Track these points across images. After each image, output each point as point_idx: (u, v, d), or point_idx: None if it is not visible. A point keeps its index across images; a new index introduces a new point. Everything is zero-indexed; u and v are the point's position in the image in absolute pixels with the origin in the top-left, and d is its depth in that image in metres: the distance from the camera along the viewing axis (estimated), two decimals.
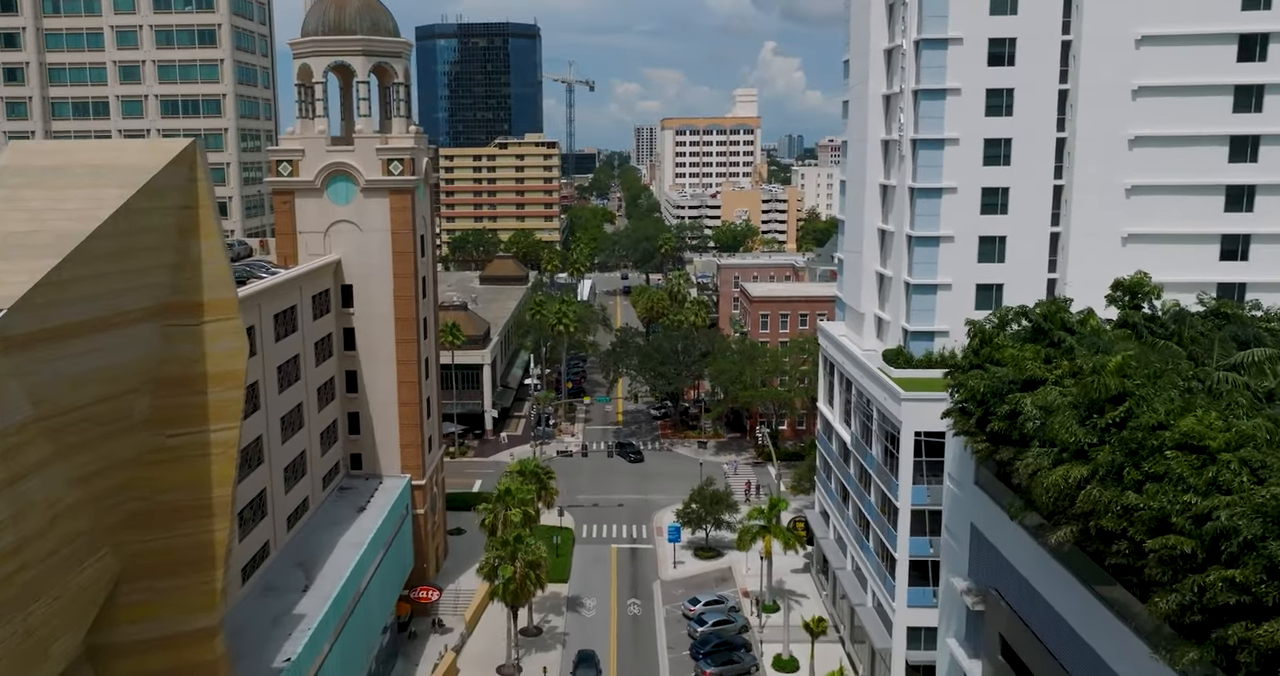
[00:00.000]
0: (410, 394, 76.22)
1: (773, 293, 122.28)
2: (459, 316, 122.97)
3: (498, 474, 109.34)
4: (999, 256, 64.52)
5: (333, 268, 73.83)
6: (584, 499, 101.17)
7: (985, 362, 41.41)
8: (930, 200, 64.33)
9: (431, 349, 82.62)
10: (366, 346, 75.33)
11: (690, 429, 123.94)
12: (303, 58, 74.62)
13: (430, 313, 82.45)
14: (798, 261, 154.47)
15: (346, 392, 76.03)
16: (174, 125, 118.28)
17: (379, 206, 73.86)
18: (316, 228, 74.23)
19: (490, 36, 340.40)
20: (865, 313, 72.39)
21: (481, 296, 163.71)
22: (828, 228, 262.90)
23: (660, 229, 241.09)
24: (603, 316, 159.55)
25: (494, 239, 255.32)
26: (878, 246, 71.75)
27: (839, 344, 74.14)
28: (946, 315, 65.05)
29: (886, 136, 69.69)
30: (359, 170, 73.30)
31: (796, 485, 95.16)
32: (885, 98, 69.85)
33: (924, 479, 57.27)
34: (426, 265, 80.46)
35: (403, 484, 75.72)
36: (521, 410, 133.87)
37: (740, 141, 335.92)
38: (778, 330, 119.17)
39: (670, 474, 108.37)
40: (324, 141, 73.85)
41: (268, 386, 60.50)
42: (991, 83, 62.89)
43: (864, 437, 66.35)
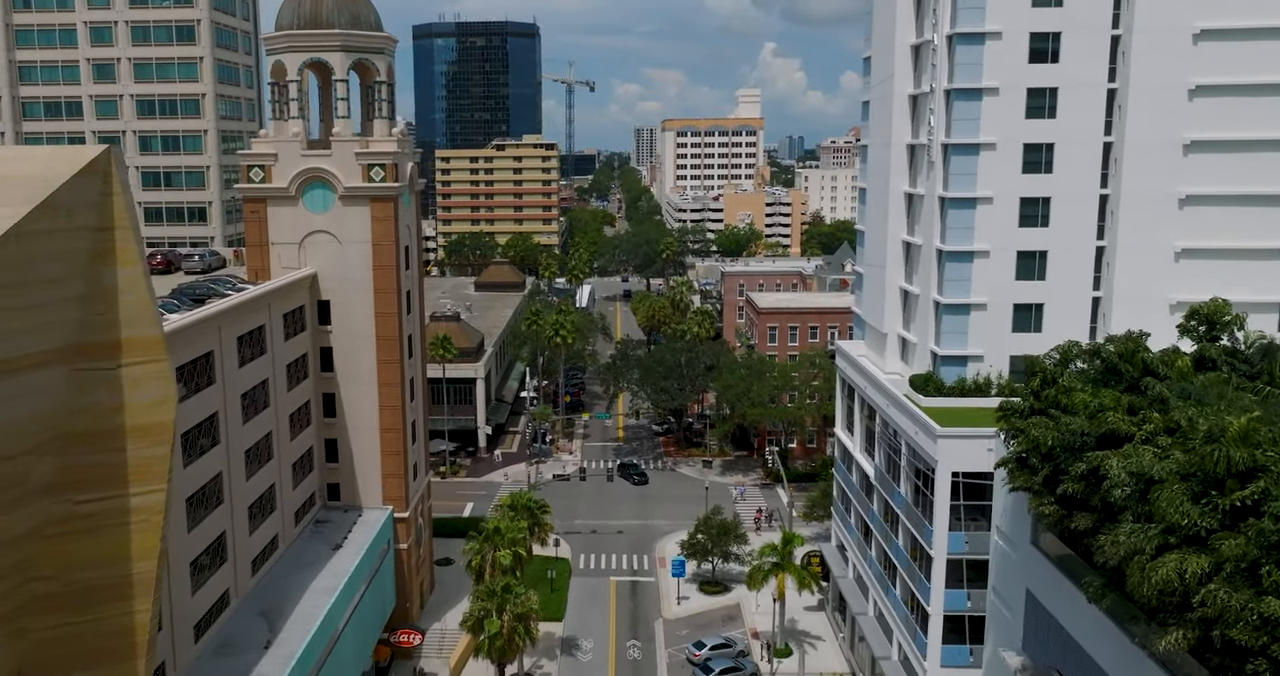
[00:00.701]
0: (393, 419, 70.17)
1: (781, 303, 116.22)
2: (451, 328, 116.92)
3: (491, 495, 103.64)
4: (1039, 273, 58.48)
5: (308, 282, 67.82)
6: (581, 525, 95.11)
7: (1049, 407, 35.33)
8: (963, 211, 58.29)
9: (417, 368, 76.58)
10: (345, 367, 69.35)
11: (695, 446, 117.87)
12: (276, 54, 68.60)
13: (416, 329, 76.43)
14: (805, 269, 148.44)
15: (324, 418, 70.04)
16: (150, 126, 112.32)
17: (359, 216, 67.85)
18: (291, 238, 68.23)
19: (488, 36, 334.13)
20: (888, 333, 66.32)
21: (476, 304, 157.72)
22: (833, 231, 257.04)
23: (661, 233, 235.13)
24: (602, 325, 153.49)
25: (491, 242, 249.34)
26: (902, 261, 65.71)
27: (860, 366, 68.10)
28: (981, 338, 59.07)
29: (913, 140, 63.66)
30: (337, 176, 67.28)
31: (809, 511, 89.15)
32: (912, 98, 63.80)
33: (962, 524, 51.26)
34: (412, 278, 74.44)
35: (384, 517, 69.69)
36: (517, 425, 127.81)
37: (743, 143, 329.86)
38: (787, 343, 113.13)
39: (674, 497, 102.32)
40: (299, 145, 67.83)
41: (229, 417, 54.45)
42: (1033, 81, 56.86)
43: (890, 472, 60.29)
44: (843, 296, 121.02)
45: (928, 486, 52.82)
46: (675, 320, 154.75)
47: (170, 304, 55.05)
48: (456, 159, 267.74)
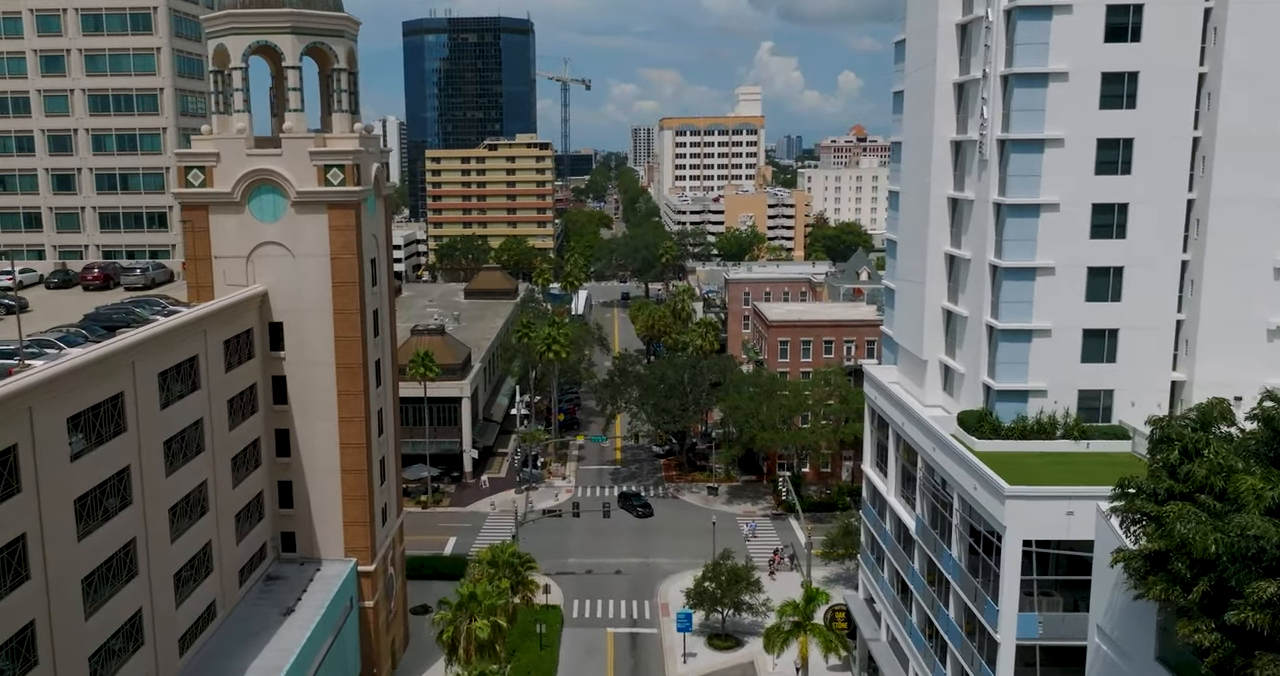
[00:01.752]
0: (356, 458, 60.93)
1: (793, 316, 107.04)
2: (434, 343, 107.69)
3: (477, 527, 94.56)
4: (1113, 293, 49.36)
5: (257, 302, 58.61)
6: (574, 564, 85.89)
7: (1195, 490, 26.19)
8: (1024, 219, 49.16)
9: (388, 398, 67.34)
10: (301, 399, 60.16)
11: (699, 470, 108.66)
12: (218, 37, 59.39)
13: (386, 353, 67.21)
14: (814, 276, 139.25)
15: (276, 457, 60.81)
16: (105, 123, 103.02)
17: (315, 225, 58.63)
18: (237, 251, 59.00)
19: (481, 32, 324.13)
20: (928, 359, 57.16)
21: (465, 313, 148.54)
22: (837, 234, 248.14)
23: (660, 236, 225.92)
24: (599, 336, 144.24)
25: (484, 246, 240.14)
26: (944, 276, 56.56)
27: (893, 397, 58.95)
28: (1044, 369, 49.96)
29: (959, 136, 54.50)
30: (288, 179, 58.03)
31: (829, 550, 79.95)
32: (957, 86, 54.66)
33: (1035, 603, 42.10)
34: (380, 296, 65.24)
35: (346, 570, 60.50)
36: (507, 446, 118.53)
37: (743, 142, 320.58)
38: (799, 359, 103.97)
39: (677, 529, 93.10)
40: (244, 143, 58.56)
41: (147, 470, 45.21)
42: (1109, 64, 47.76)
43: (936, 527, 51.11)
44: (858, 308, 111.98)
45: (990, 553, 43.68)
46: (676, 330, 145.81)
47: (77, 335, 45.88)
48: (447, 159, 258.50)
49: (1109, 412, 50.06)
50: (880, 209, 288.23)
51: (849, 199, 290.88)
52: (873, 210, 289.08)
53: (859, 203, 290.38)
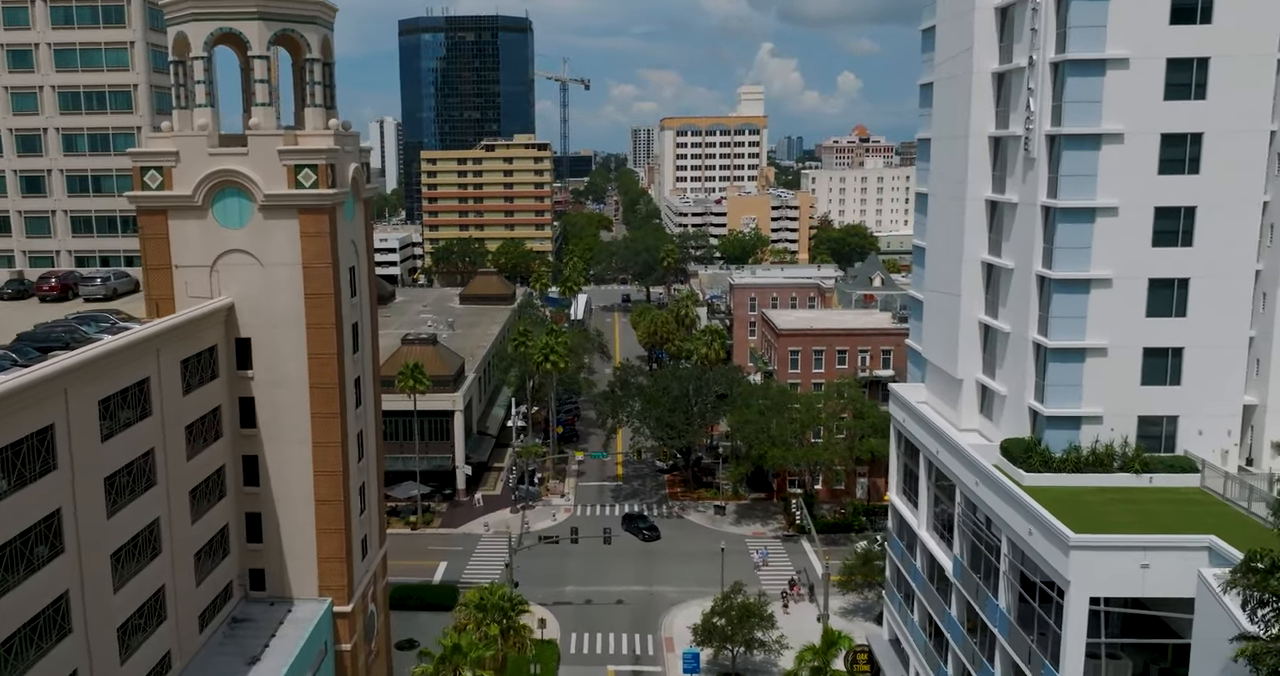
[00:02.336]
0: (331, 487, 55.32)
1: (804, 324, 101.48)
2: (425, 353, 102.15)
3: (469, 550, 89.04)
4: (1178, 308, 43.85)
5: (222, 316, 53.06)
6: (572, 593, 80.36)
7: None
8: (1077, 225, 43.66)
9: (369, 419, 61.77)
10: (271, 423, 54.57)
11: (705, 487, 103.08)
12: (178, 23, 53.85)
13: (367, 370, 61.66)
14: (823, 280, 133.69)
15: (244, 486, 55.23)
16: (76, 122, 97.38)
17: (285, 231, 53.04)
18: (200, 260, 53.43)
19: (479, 30, 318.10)
20: (963, 379, 51.59)
21: (461, 319, 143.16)
22: (842, 236, 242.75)
23: (662, 238, 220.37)
24: (599, 343, 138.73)
25: (481, 249, 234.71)
26: (981, 287, 51.04)
27: (923, 420, 53.39)
28: (1099, 392, 44.49)
29: (999, 131, 48.98)
30: (254, 181, 52.46)
31: (847, 579, 74.39)
32: (997, 76, 49.14)
33: (1102, 666, 36.50)
34: (360, 308, 59.65)
35: (320, 611, 54.92)
36: (503, 459, 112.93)
37: (745, 142, 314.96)
38: (810, 369, 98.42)
39: (683, 553, 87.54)
40: (206, 141, 52.99)
41: (82, 512, 39.66)
42: (1175, 49, 42.32)
43: (978, 571, 45.54)
44: (872, 315, 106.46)
45: (1049, 610, 38.13)
46: (679, 337, 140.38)
47: (4, 359, 40.29)
48: (443, 160, 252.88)
49: (1172, 441, 44.60)
50: (887, 211, 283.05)
51: (854, 200, 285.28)
52: (878, 211, 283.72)
53: (864, 204, 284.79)
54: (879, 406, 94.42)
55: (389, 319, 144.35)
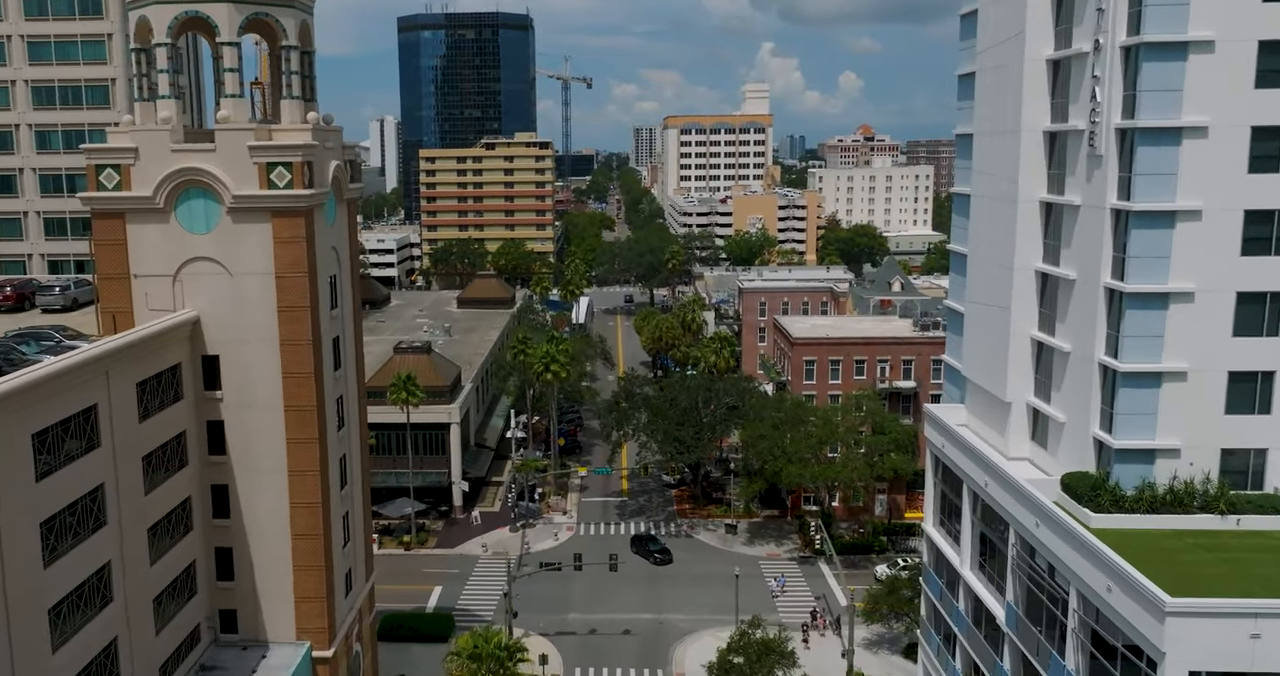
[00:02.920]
0: (309, 520, 50.01)
1: (819, 332, 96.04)
2: (420, 362, 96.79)
3: (466, 573, 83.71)
4: (1269, 326, 38.42)
5: (186, 331, 47.74)
6: (576, 621, 75.03)
7: None
8: (1154, 231, 38.24)
9: (353, 442, 56.45)
10: (243, 449, 49.31)
11: (715, 503, 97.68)
12: (139, 7, 48.60)
13: (351, 388, 56.37)
14: (836, 284, 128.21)
15: (213, 519, 49.93)
16: (50, 118, 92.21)
17: (256, 236, 47.73)
18: (161, 269, 48.15)
19: (479, 27, 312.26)
20: (1012, 402, 46.16)
21: (458, 324, 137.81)
22: (851, 237, 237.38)
23: (666, 239, 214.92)
24: (602, 349, 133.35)
25: (480, 250, 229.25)
26: (1035, 300, 45.61)
27: (965, 446, 47.97)
28: (1177, 422, 39.05)
29: (1056, 125, 43.54)
30: (221, 180, 47.13)
31: (871, 611, 68.98)
32: (1053, 63, 43.71)
33: None
34: (342, 321, 54.31)
35: (298, 657, 49.69)
36: (502, 473, 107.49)
37: (750, 141, 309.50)
38: (827, 381, 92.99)
39: (694, 576, 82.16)
40: (169, 136, 47.64)
41: (12, 565, 34.30)
42: (1269, 29, 36.81)
43: (1039, 624, 40.12)
44: (890, 322, 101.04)
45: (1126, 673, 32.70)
46: (685, 342, 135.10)
47: None
48: (442, 159, 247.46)
49: (1261, 478, 39.24)
50: (895, 210, 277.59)
51: (861, 200, 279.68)
52: (886, 211, 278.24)
53: (872, 204, 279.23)
54: (900, 420, 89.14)
55: (383, 324, 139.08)
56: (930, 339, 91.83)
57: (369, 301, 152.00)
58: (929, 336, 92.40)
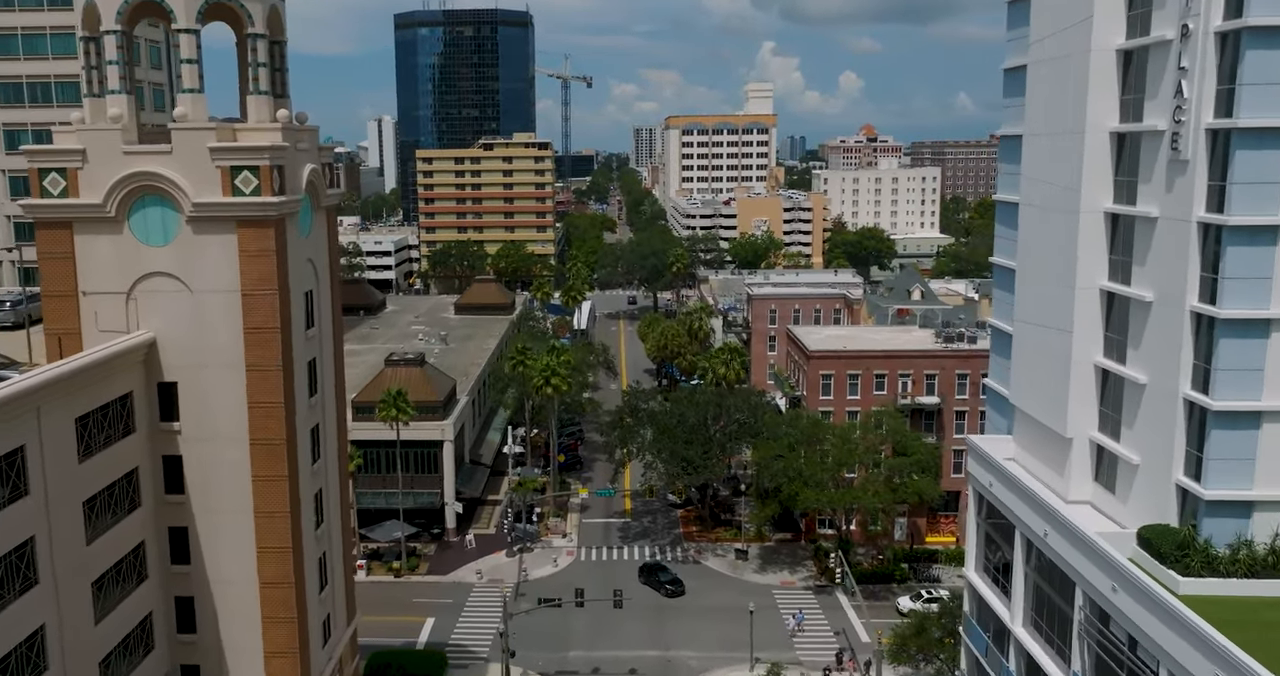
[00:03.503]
0: (279, 567, 44.66)
1: (836, 344, 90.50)
2: (412, 376, 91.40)
3: (460, 603, 78.31)
4: None
5: (140, 356, 42.46)
6: (577, 659, 69.68)
7: None
8: (1255, 248, 32.91)
9: (331, 477, 51.04)
10: (204, 488, 44.02)
11: (723, 525, 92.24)
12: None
13: (329, 415, 50.97)
14: (850, 290, 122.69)
15: (171, 565, 44.59)
16: (18, 117, 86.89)
17: (220, 249, 42.45)
18: (113, 286, 42.90)
19: (478, 25, 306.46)
20: (1073, 437, 40.73)
21: (455, 331, 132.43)
22: (858, 239, 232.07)
23: (670, 242, 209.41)
24: (605, 358, 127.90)
25: (479, 252, 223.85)
26: (1100, 323, 40.21)
27: (1025, 491, 42.46)
28: (1278, 469, 33.56)
29: (1127, 126, 38.12)
30: (180, 186, 41.80)
31: (898, 651, 63.54)
32: (1125, 54, 38.29)
33: None
34: (319, 342, 48.95)
35: None
36: (499, 491, 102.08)
37: (754, 141, 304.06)
38: (844, 396, 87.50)
39: (703, 608, 76.80)
40: (121, 136, 42.30)
41: None
42: None
43: None
44: (910, 333, 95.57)
45: None
46: (691, 351, 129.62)
47: None
48: (440, 159, 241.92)
49: None
50: (902, 212, 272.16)
51: (868, 202, 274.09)
52: (893, 214, 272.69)
53: (878, 206, 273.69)
54: (922, 438, 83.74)
55: (377, 331, 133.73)
56: (955, 352, 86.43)
57: (364, 307, 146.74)
58: (954, 349, 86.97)
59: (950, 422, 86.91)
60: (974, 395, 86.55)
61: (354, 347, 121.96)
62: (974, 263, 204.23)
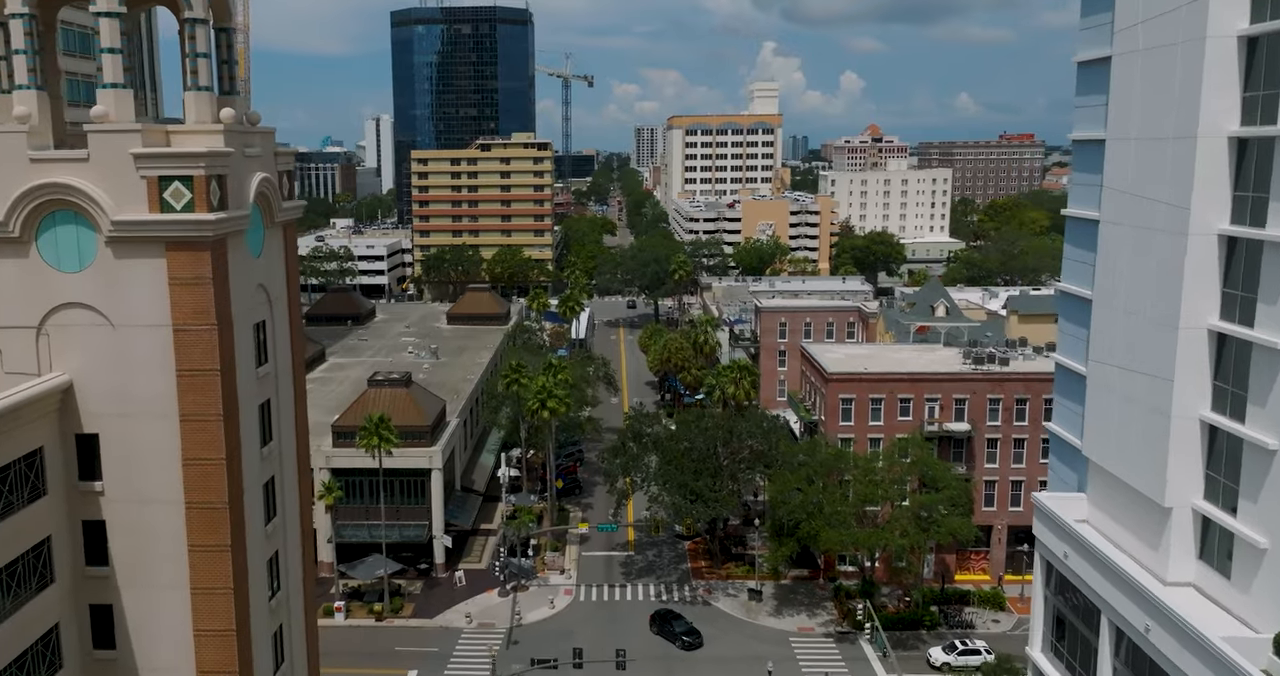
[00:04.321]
0: (220, 654, 37.54)
1: (856, 364, 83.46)
2: (397, 399, 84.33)
3: (446, 654, 71.29)
4: None
5: (53, 403, 35.40)
6: None
7: None
8: None
9: (290, 534, 43.91)
10: (132, 559, 36.99)
11: (734, 560, 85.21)
12: None
13: (288, 464, 43.83)
14: (864, 303, 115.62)
15: (94, 650, 37.51)
16: None
17: (146, 276, 35.33)
18: (21, 318, 35.83)
19: (476, 22, 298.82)
20: (1171, 506, 33.64)
21: (447, 343, 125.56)
22: (866, 244, 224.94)
23: (672, 247, 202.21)
24: (604, 373, 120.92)
25: (475, 257, 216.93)
26: (1207, 370, 33.19)
27: (1111, 568, 35.34)
28: None
29: (1254, 129, 31.08)
30: (97, 200, 34.69)
31: None
32: (1249, 41, 31.20)
33: None
34: (274, 380, 41.85)
35: None
36: (492, 519, 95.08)
37: (759, 142, 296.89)
38: (866, 422, 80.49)
39: (715, 659, 69.89)
40: (28, 141, 35.18)
41: None
42: None
43: None
44: (935, 352, 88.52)
45: None
46: (696, 365, 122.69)
47: None
48: (435, 160, 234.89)
49: None
50: (911, 216, 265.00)
51: (876, 205, 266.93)
52: (902, 217, 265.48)
53: (887, 208, 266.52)
54: (952, 470, 76.74)
55: (365, 342, 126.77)
56: (988, 375, 79.39)
57: (351, 317, 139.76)
58: (985, 372, 79.93)
59: (981, 451, 79.92)
60: (1006, 422, 79.67)
61: (341, 361, 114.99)
62: (986, 269, 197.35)
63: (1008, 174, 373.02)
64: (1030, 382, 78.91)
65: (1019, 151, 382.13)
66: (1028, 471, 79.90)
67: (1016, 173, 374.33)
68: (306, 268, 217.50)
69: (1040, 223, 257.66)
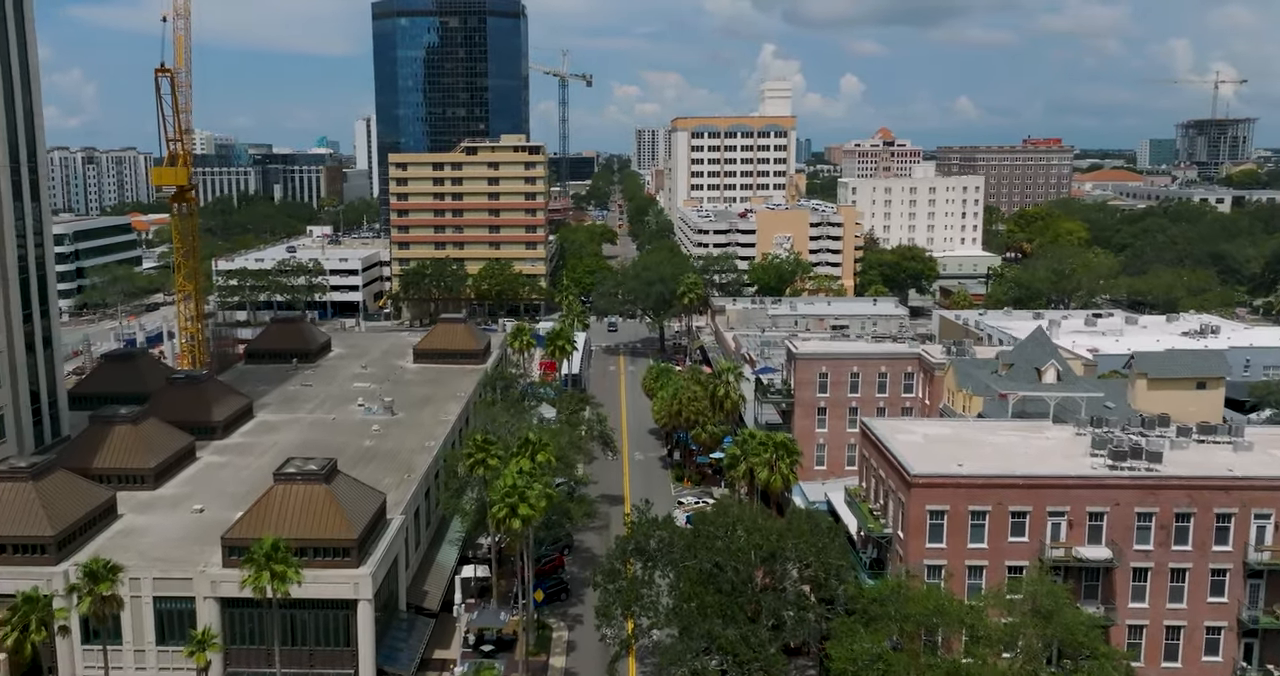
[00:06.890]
0: None
1: (946, 457, 59.93)
2: (313, 500, 61.42)
3: None
4: None
5: None
6: None
7: None
8: None
9: None
10: None
11: None
12: None
13: None
14: (926, 351, 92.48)
15: None
16: None
17: None
18: None
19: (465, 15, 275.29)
20: None
21: (409, 391, 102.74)
22: (896, 260, 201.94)
23: (680, 265, 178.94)
24: (600, 431, 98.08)
25: (459, 272, 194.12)
26: None
27: None
28: None
29: None
30: None
31: None
32: None
33: None
34: None
35: None
36: (450, 644, 71.91)
37: (770, 146, 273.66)
38: (965, 543, 57.25)
39: None
40: None
41: None
42: None
43: None
44: (1043, 432, 65.25)
45: None
46: (713, 421, 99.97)
47: None
48: (415, 165, 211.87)
49: None
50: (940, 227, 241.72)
51: (901, 215, 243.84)
52: (929, 228, 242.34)
53: (913, 219, 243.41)
54: (1083, 614, 53.69)
55: (309, 388, 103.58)
56: (1137, 481, 56.26)
57: (300, 354, 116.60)
58: (1131, 474, 56.77)
59: (1125, 589, 56.87)
60: (1161, 545, 56.67)
61: (271, 418, 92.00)
62: (1035, 290, 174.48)
63: (1034, 181, 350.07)
64: (1194, 490, 56.06)
65: (1045, 157, 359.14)
66: (1189, 614, 57.03)
67: (1044, 180, 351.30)
68: (271, 283, 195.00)
69: (1078, 234, 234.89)
